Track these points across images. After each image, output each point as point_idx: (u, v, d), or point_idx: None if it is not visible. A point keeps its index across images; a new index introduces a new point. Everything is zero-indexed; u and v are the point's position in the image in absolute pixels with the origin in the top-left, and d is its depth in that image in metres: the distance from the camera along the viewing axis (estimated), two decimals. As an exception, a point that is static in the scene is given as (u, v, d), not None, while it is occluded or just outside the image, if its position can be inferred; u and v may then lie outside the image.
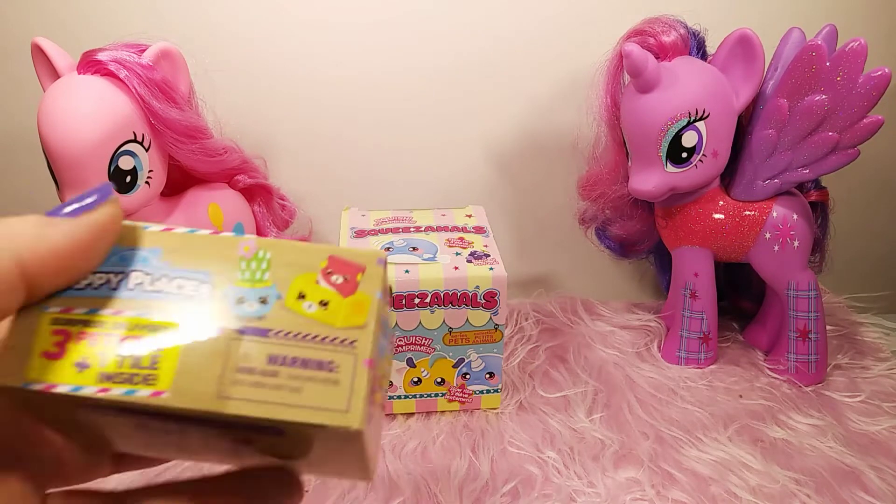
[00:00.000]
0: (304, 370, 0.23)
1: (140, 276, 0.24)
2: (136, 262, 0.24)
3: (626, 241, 0.63)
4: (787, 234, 0.53)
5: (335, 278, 0.25)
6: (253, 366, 0.23)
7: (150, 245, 0.24)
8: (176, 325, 0.24)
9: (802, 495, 0.43)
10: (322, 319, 0.24)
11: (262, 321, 0.24)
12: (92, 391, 0.22)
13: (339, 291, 0.25)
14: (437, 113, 0.66)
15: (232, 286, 0.24)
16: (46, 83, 0.48)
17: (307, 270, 0.25)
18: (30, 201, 0.69)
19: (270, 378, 0.23)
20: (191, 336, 0.23)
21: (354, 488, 0.44)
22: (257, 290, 0.24)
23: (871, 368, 0.57)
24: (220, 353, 0.23)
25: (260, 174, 0.58)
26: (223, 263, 0.24)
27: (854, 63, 0.46)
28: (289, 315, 0.24)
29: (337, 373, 0.23)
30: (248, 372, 0.23)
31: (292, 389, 0.23)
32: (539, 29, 0.63)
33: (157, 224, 0.25)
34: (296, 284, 0.24)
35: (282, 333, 0.24)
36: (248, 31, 0.63)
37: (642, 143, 0.51)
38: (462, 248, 0.51)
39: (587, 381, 0.55)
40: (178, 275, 0.24)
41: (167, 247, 0.25)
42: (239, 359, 0.23)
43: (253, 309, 0.24)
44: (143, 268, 0.24)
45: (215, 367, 0.23)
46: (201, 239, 0.25)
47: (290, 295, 0.24)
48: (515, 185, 0.69)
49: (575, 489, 0.44)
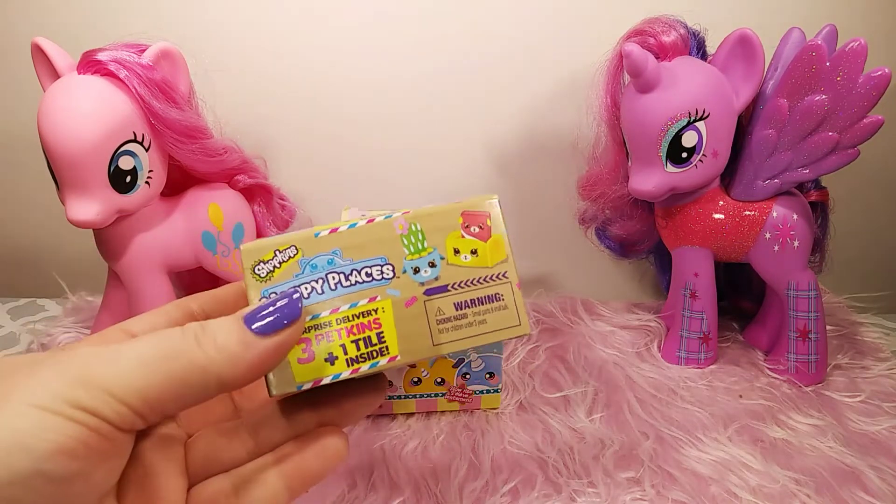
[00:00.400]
0: (482, 306, 0.32)
1: (335, 275, 0.30)
2: (326, 266, 0.30)
3: (626, 241, 0.63)
4: (787, 234, 0.53)
5: (473, 229, 0.32)
6: (447, 315, 0.31)
7: (329, 248, 0.31)
8: (382, 306, 0.30)
9: (802, 495, 0.43)
10: (477, 264, 0.32)
11: (438, 281, 0.31)
12: (347, 374, 0.29)
13: (479, 239, 0.32)
14: (438, 113, 0.66)
15: (406, 260, 0.31)
16: (46, 83, 0.48)
17: (452, 230, 0.32)
18: (30, 201, 0.69)
19: (462, 320, 0.31)
20: (397, 310, 0.30)
21: (355, 488, 0.44)
22: (425, 258, 0.31)
23: (871, 368, 0.57)
24: (421, 315, 0.30)
25: (260, 174, 0.58)
26: (390, 245, 0.31)
27: (854, 63, 0.46)
28: (454, 269, 0.31)
29: (503, 300, 0.31)
30: (445, 321, 0.31)
31: (480, 322, 0.31)
32: (539, 29, 0.63)
33: (322, 227, 0.30)
34: (449, 243, 0.32)
35: (456, 285, 0.31)
36: (248, 31, 0.63)
37: (642, 143, 0.51)
38: (462, 248, 0.51)
39: (587, 381, 0.55)
40: (363, 265, 0.31)
41: (342, 245, 0.31)
42: (435, 313, 0.31)
43: (428, 273, 0.31)
44: (333, 269, 0.30)
45: (422, 325, 0.30)
46: (363, 230, 0.31)
47: (448, 253, 0.32)
48: (515, 185, 0.69)
49: (575, 489, 0.44)
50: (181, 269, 0.56)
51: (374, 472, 0.46)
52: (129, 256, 0.52)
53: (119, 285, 0.55)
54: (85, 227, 0.47)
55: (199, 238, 0.54)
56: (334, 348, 0.30)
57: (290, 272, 0.30)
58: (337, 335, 0.30)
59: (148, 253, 0.52)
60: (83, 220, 0.46)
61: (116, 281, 0.55)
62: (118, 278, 0.54)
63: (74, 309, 0.65)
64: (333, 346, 0.30)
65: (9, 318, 0.68)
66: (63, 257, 0.70)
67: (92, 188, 0.46)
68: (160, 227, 0.52)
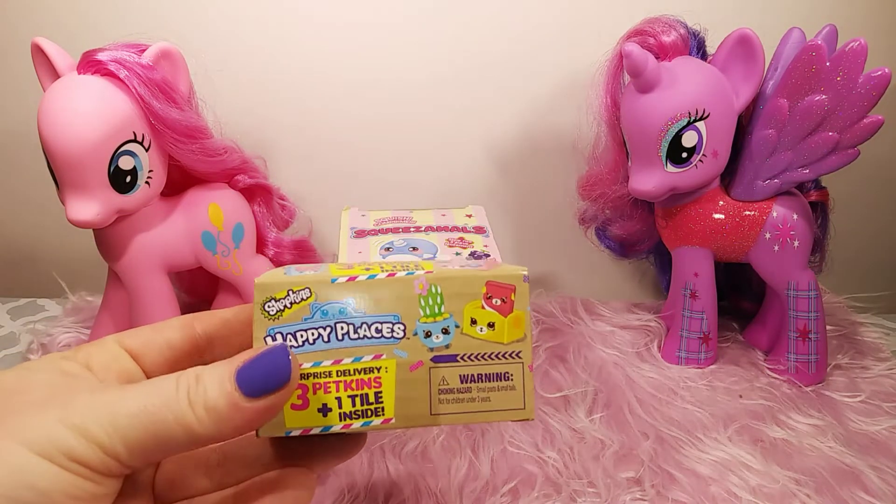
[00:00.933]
0: (489, 383, 0.31)
1: (344, 325, 0.29)
2: (337, 315, 0.29)
3: (626, 241, 0.63)
4: (787, 234, 0.53)
5: (495, 301, 0.31)
6: (451, 387, 0.30)
7: (343, 297, 0.29)
8: (386, 365, 0.29)
9: (802, 495, 0.43)
10: (492, 339, 0.31)
11: (448, 349, 0.30)
12: (338, 428, 0.28)
13: (500, 312, 0.31)
14: (438, 113, 0.66)
15: (419, 322, 0.30)
16: (46, 83, 0.48)
17: (472, 298, 0.30)
18: (30, 201, 0.69)
19: (465, 393, 0.30)
20: (400, 372, 0.29)
21: (354, 488, 0.44)
22: (439, 323, 0.30)
23: (871, 368, 0.57)
24: (424, 381, 0.29)
25: (260, 174, 0.58)
26: (406, 304, 0.30)
27: (854, 63, 0.46)
28: (467, 340, 0.30)
29: (512, 380, 0.31)
30: (447, 392, 0.30)
31: (483, 399, 0.31)
32: (539, 29, 0.63)
33: (341, 274, 0.29)
34: (467, 312, 0.30)
35: (466, 356, 0.30)
36: (248, 31, 0.63)
37: (642, 143, 0.51)
38: (462, 248, 0.51)
39: (587, 381, 0.55)
40: (374, 320, 0.30)
41: (357, 296, 0.29)
42: (439, 382, 0.30)
43: (439, 340, 0.30)
44: (343, 319, 0.29)
45: (423, 392, 0.29)
46: (382, 283, 0.29)
47: (464, 322, 0.30)
48: (515, 185, 0.69)
49: (575, 489, 0.44)
50: (181, 269, 0.55)
51: (373, 472, 0.46)
52: (129, 256, 0.52)
53: (119, 285, 0.55)
54: (85, 227, 0.47)
55: (199, 238, 0.54)
56: (329, 400, 0.29)
57: (299, 315, 0.29)
58: (335, 387, 0.29)
59: (148, 253, 0.52)
60: (83, 220, 0.46)
61: (116, 281, 0.55)
62: (118, 278, 0.54)
63: (74, 309, 0.65)
64: (329, 398, 0.29)
65: (9, 318, 0.68)
66: (63, 257, 0.70)
67: (92, 188, 0.46)
68: (160, 227, 0.52)
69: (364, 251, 0.50)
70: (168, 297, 0.54)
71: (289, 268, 0.30)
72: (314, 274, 0.29)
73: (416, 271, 0.30)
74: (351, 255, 0.50)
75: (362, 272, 0.30)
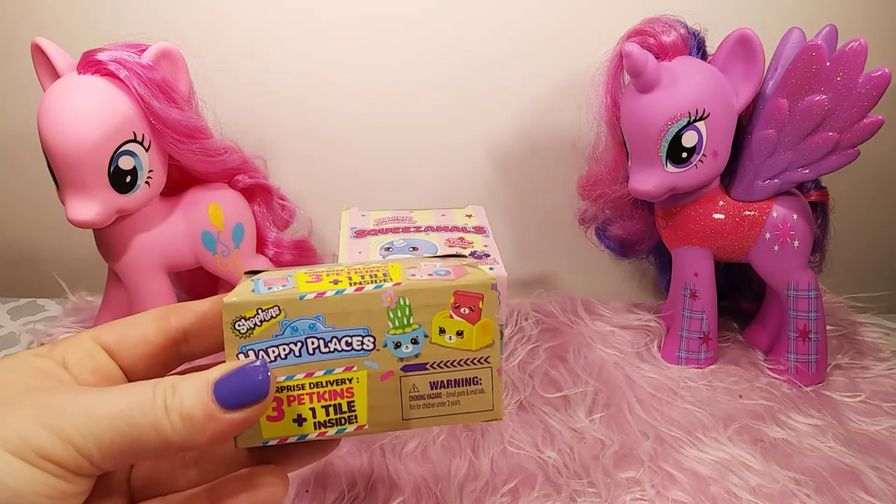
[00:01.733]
0: (458, 388, 0.32)
1: (314, 340, 0.30)
2: (307, 331, 0.30)
3: (626, 241, 0.63)
4: (787, 234, 0.53)
5: (463, 310, 0.31)
6: (421, 393, 0.31)
7: (312, 313, 0.30)
8: (358, 376, 0.30)
9: (802, 495, 0.43)
10: (461, 346, 0.31)
11: (418, 358, 0.31)
12: (314, 436, 0.30)
13: (468, 321, 0.31)
14: (437, 113, 0.66)
15: (388, 334, 0.30)
16: (46, 83, 0.48)
17: (441, 309, 0.31)
18: (30, 201, 0.69)
19: (435, 399, 0.32)
20: (371, 382, 0.30)
21: (354, 488, 0.44)
22: (408, 334, 0.31)
23: (871, 368, 0.57)
24: (395, 390, 0.31)
25: (260, 174, 0.58)
26: (375, 317, 0.30)
27: (854, 63, 0.46)
28: (436, 349, 0.31)
29: (481, 384, 0.32)
30: (418, 398, 0.31)
31: (452, 403, 0.32)
32: (539, 29, 0.63)
33: (309, 290, 0.30)
34: (435, 322, 0.31)
35: (435, 364, 0.31)
36: (247, 31, 0.63)
37: (642, 143, 0.51)
38: (462, 248, 0.51)
39: (587, 381, 0.55)
40: (344, 334, 0.30)
41: (326, 311, 0.30)
42: (409, 390, 0.31)
43: (409, 350, 0.31)
44: (314, 334, 0.30)
45: (395, 400, 0.31)
46: (350, 298, 0.30)
47: (433, 332, 0.31)
48: (515, 185, 0.69)
49: (575, 489, 0.44)
50: (181, 268, 0.55)
51: (374, 472, 0.46)
52: (129, 256, 0.52)
53: (119, 285, 0.55)
54: (85, 227, 0.47)
55: (199, 238, 0.54)
56: (304, 411, 0.30)
57: (270, 332, 0.30)
58: (308, 399, 0.30)
59: (148, 253, 0.52)
60: (83, 220, 0.46)
61: (116, 281, 0.55)
62: (118, 278, 0.54)
63: (74, 309, 0.65)
64: (303, 409, 0.30)
65: (9, 318, 0.68)
66: (63, 257, 0.70)
67: (92, 188, 0.46)
68: (160, 227, 0.52)
69: (364, 251, 0.50)
70: (168, 297, 0.54)
71: (257, 281, 0.31)
72: (283, 291, 0.30)
73: (384, 284, 0.31)
74: (351, 255, 0.50)
75: (330, 287, 0.30)
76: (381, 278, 0.31)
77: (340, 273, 0.31)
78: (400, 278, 0.31)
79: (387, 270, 0.32)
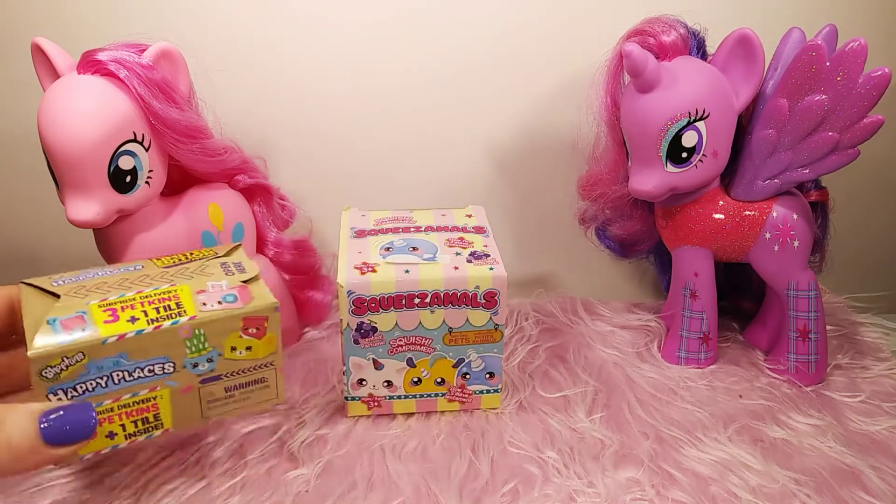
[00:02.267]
0: (248, 388, 0.39)
1: (120, 373, 0.35)
2: (112, 366, 0.34)
3: (626, 241, 0.63)
4: (787, 234, 0.53)
5: (251, 330, 0.38)
6: (217, 397, 0.38)
7: (115, 353, 0.34)
8: (161, 394, 0.36)
9: (802, 495, 0.44)
10: (250, 357, 0.38)
11: (213, 372, 0.37)
12: (124, 445, 0.36)
13: (255, 338, 0.38)
14: (437, 113, 0.66)
15: (186, 359, 0.36)
16: (46, 83, 0.48)
17: (232, 332, 0.37)
18: (30, 201, 0.69)
19: (230, 399, 0.39)
20: (174, 396, 0.36)
21: (355, 488, 0.44)
22: (204, 356, 0.37)
23: (871, 368, 0.57)
24: (195, 398, 0.37)
25: (260, 174, 0.58)
26: (174, 348, 0.36)
27: (854, 63, 0.46)
28: (229, 363, 0.38)
29: (267, 382, 0.40)
30: (215, 401, 0.38)
31: (244, 399, 0.39)
32: (539, 29, 0.63)
33: (110, 333, 0.34)
34: (227, 343, 0.37)
35: (229, 374, 0.38)
36: (248, 31, 0.63)
37: (642, 143, 0.51)
38: (462, 248, 0.51)
39: (587, 381, 0.55)
40: (146, 364, 0.35)
41: (128, 349, 0.34)
42: (207, 396, 0.38)
43: (205, 367, 0.37)
44: (118, 368, 0.34)
45: (195, 406, 0.38)
46: (150, 336, 0.35)
47: (226, 351, 0.38)
48: (515, 185, 0.69)
49: (575, 489, 0.44)
50: (181, 269, 0.56)
51: (374, 472, 0.46)
52: (129, 256, 0.52)
53: (119, 285, 0.55)
54: (85, 227, 0.47)
55: (198, 238, 0.53)
56: (115, 428, 0.35)
57: (76, 373, 0.34)
58: (118, 417, 0.35)
59: (148, 253, 0.52)
60: (83, 220, 0.46)
61: (116, 281, 0.55)
62: (118, 278, 0.54)
63: (74, 309, 0.64)
64: (114, 426, 0.35)
65: (9, 318, 0.67)
66: (63, 257, 0.70)
67: (92, 188, 0.46)
68: (160, 227, 0.52)
69: (364, 251, 0.50)
70: (168, 297, 0.54)
71: (53, 323, 0.34)
72: (84, 336, 0.33)
73: (179, 319, 0.35)
74: (351, 254, 0.50)
75: (129, 327, 0.34)
76: (174, 310, 0.36)
77: (135, 306, 0.36)
78: (193, 308, 0.36)
79: (179, 299, 0.37)
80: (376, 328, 0.48)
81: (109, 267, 0.41)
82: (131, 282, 0.38)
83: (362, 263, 0.48)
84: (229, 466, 0.46)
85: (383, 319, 0.48)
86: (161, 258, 0.43)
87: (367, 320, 0.48)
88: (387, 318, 0.48)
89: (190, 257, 0.43)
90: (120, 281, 0.38)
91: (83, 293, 0.37)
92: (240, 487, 0.44)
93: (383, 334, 0.48)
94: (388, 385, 0.51)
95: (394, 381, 0.50)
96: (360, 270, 0.48)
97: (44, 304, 0.36)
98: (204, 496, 0.44)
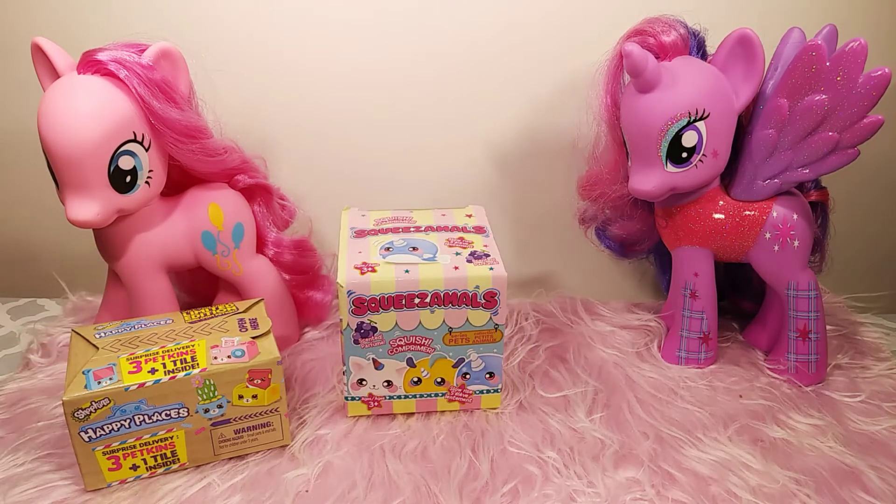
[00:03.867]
0: (255, 430, 0.46)
1: (140, 416, 0.42)
2: (133, 410, 0.42)
3: (626, 241, 0.63)
4: (787, 234, 0.53)
5: (256, 381, 0.44)
6: (227, 438, 0.45)
7: (136, 399, 0.42)
8: (177, 434, 0.44)
9: (802, 495, 0.44)
10: (256, 404, 0.45)
11: (223, 416, 0.44)
12: (146, 476, 0.44)
13: (260, 387, 0.45)
14: (438, 113, 0.66)
15: (198, 404, 0.43)
16: (46, 83, 0.48)
17: (239, 382, 0.44)
18: (30, 201, 0.69)
19: (238, 439, 0.46)
20: (188, 436, 0.44)
21: (355, 488, 0.44)
22: (214, 402, 0.44)
23: (871, 368, 0.57)
24: (207, 439, 0.45)
25: (260, 174, 0.58)
26: (188, 395, 0.43)
27: (854, 63, 0.46)
28: (237, 408, 0.45)
29: (272, 425, 0.46)
30: (225, 441, 0.46)
31: (252, 440, 0.46)
32: (539, 29, 0.63)
33: (132, 381, 0.42)
34: (235, 391, 0.44)
35: (237, 418, 0.45)
36: (248, 31, 0.63)
37: (642, 142, 0.51)
38: (462, 248, 0.51)
39: (587, 381, 0.55)
40: (164, 409, 0.43)
41: (147, 396, 0.42)
42: (218, 436, 0.45)
43: (216, 412, 0.44)
44: (139, 412, 0.42)
45: (207, 445, 0.45)
46: (166, 385, 0.42)
47: (234, 398, 0.44)
48: (515, 185, 0.69)
49: (575, 489, 0.44)
50: (181, 268, 0.55)
51: (373, 472, 0.46)
52: (129, 256, 0.52)
53: (119, 285, 0.55)
54: (85, 227, 0.47)
55: (198, 238, 0.54)
56: (137, 462, 0.43)
57: (103, 415, 0.41)
58: (140, 453, 0.43)
59: (148, 253, 0.52)
60: (83, 220, 0.46)
61: (116, 281, 0.55)
62: (118, 278, 0.54)
63: (74, 309, 0.65)
64: (137, 460, 0.43)
65: (9, 318, 0.68)
66: (63, 257, 0.70)
67: (92, 188, 0.46)
68: (160, 227, 0.52)
69: (364, 251, 0.50)
70: (168, 297, 0.54)
71: (87, 373, 0.42)
72: (111, 385, 0.41)
73: (192, 371, 0.42)
74: (351, 254, 0.50)
75: (149, 377, 0.42)
76: (189, 363, 0.43)
77: (156, 359, 0.43)
78: (205, 361, 0.43)
79: (194, 352, 0.44)
80: (376, 328, 0.48)
81: (145, 319, 0.48)
82: (159, 336, 0.45)
83: (362, 263, 0.48)
84: (229, 466, 0.46)
85: (383, 319, 0.48)
86: (190, 312, 0.49)
87: (367, 320, 0.48)
88: (387, 318, 0.48)
89: (214, 312, 0.49)
90: (150, 335, 0.45)
91: (117, 347, 0.44)
92: (240, 487, 0.44)
93: (383, 334, 0.48)
94: (388, 385, 0.51)
95: (394, 381, 0.50)
96: (360, 270, 0.48)
97: (85, 354, 0.44)
98: (204, 496, 0.44)
